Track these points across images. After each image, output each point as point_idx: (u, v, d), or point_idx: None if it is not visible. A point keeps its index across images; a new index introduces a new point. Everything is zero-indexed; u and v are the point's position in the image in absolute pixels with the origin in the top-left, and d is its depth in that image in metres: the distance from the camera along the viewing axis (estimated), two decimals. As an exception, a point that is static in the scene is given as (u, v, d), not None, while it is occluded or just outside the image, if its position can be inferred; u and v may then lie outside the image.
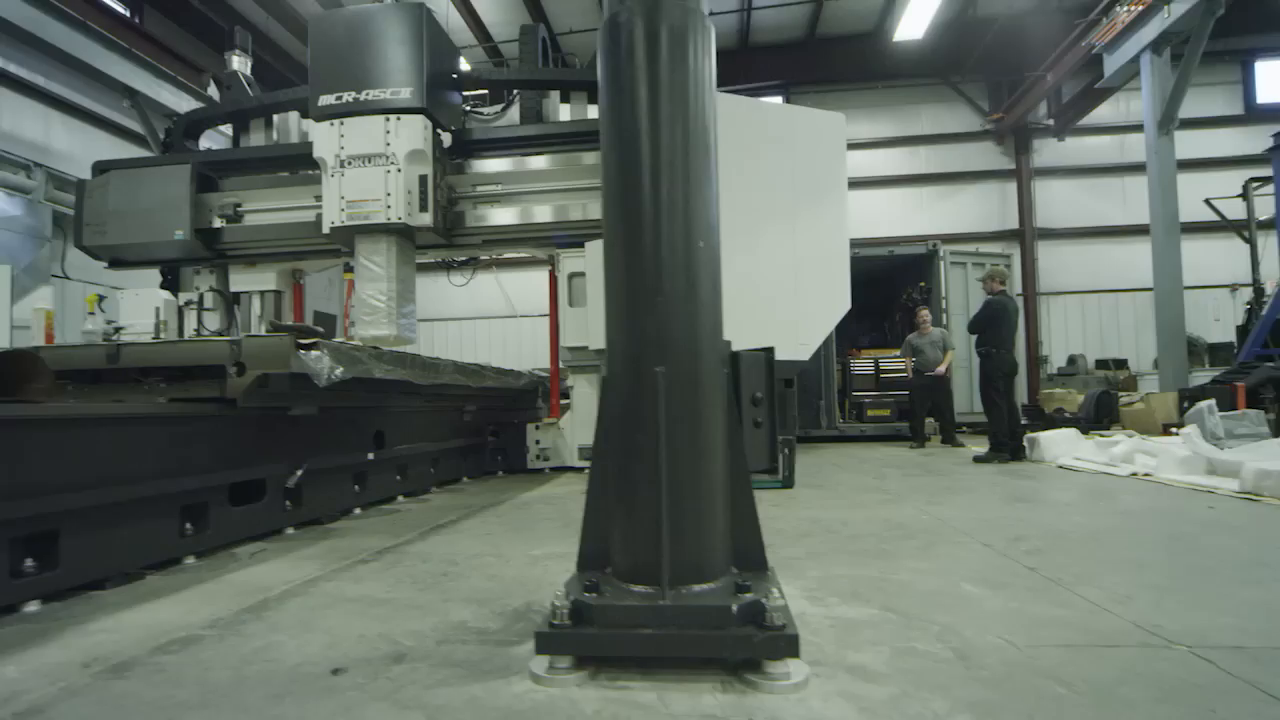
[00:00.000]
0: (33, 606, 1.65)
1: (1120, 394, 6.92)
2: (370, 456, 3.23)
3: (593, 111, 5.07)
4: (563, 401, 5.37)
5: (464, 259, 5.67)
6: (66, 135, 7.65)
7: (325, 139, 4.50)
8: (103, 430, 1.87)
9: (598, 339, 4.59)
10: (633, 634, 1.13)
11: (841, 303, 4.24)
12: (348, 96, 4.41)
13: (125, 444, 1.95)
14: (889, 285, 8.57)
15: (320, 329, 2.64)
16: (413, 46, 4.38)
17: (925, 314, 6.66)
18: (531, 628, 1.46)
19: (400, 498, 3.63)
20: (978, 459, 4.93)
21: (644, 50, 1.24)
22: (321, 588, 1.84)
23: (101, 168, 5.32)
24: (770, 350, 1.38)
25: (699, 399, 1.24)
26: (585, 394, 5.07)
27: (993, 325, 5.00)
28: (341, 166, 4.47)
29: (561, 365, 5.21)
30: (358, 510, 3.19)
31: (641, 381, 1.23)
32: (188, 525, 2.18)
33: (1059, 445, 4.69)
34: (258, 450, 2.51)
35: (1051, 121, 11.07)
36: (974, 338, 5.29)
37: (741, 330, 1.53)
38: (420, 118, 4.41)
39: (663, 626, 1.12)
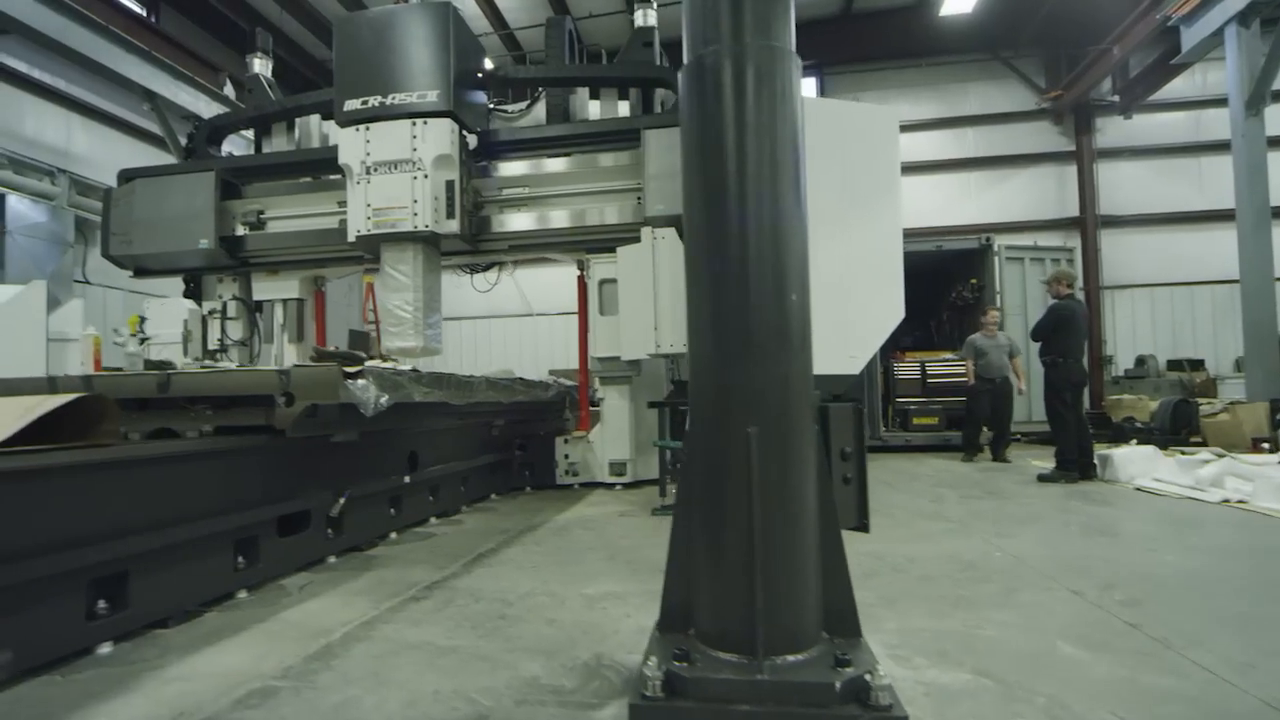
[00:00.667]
0: (105, 648, 1.75)
1: (1199, 401, 6.66)
2: (406, 480, 3.32)
3: (624, 109, 5.08)
4: (592, 409, 5.42)
5: (487, 264, 5.74)
6: (86, 138, 7.98)
7: (351, 145, 4.60)
8: (166, 468, 1.96)
9: (630, 349, 4.63)
10: (730, 710, 1.15)
11: (895, 313, 4.17)
12: (373, 101, 4.50)
13: (187, 480, 2.05)
14: (936, 282, 8.39)
15: (363, 354, 2.72)
16: (439, 47, 4.45)
17: (995, 314, 6.45)
18: (608, 687, 1.49)
19: (433, 519, 3.73)
20: (1043, 478, 4.82)
21: (732, 95, 1.25)
22: (382, 631, 1.91)
23: (127, 176, 5.55)
24: (859, 403, 1.38)
25: (789, 456, 1.25)
26: (616, 406, 5.11)
27: (1060, 332, 4.87)
28: (367, 173, 4.57)
29: (591, 375, 5.25)
30: (393, 534, 3.28)
31: (731, 440, 1.24)
32: (240, 558, 2.28)
33: (1135, 464, 4.55)
34: (303, 479, 2.60)
35: (1117, 98, 10.66)
36: (1037, 345, 5.16)
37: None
38: (447, 121, 4.48)
39: (761, 703, 1.14)
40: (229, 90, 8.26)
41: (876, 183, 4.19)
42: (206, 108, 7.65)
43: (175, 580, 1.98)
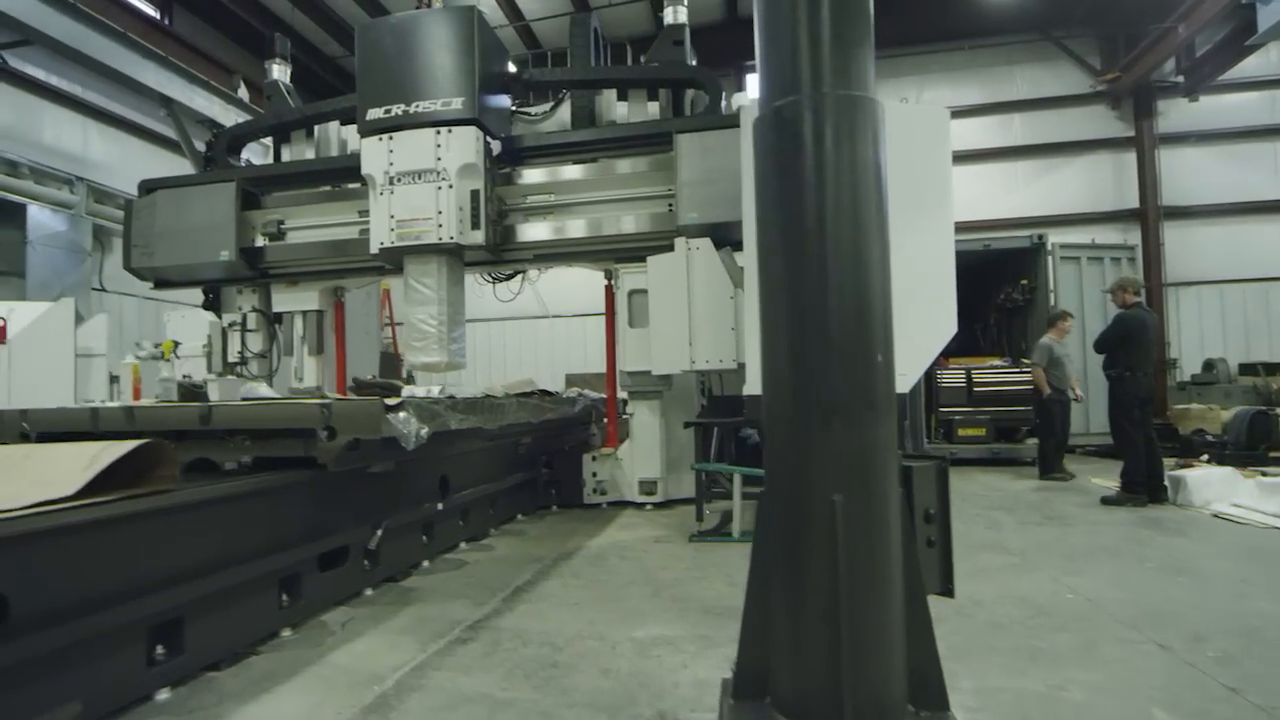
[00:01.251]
0: (164, 694, 1.84)
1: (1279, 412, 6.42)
2: (440, 507, 3.39)
3: (653, 109, 5.08)
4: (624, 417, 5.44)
5: (510, 273, 5.81)
6: (103, 143, 8.28)
7: (374, 155, 4.70)
8: (217, 510, 2.05)
9: (662, 363, 4.64)
10: (819, 792, 1.16)
11: (947, 327, 4.13)
12: (397, 109, 4.59)
13: (235, 520, 2.14)
14: (983, 282, 8.21)
15: (400, 383, 2.79)
16: (464, 52, 4.52)
17: (1072, 322, 6.18)
18: (677, 752, 1.52)
19: (463, 544, 3.80)
20: (1107, 501, 4.72)
21: (813, 148, 1.25)
22: (434, 679, 1.97)
23: (148, 187, 5.74)
24: (944, 460, 1.38)
25: (874, 521, 1.26)
26: (646, 422, 5.14)
27: (1127, 344, 4.75)
28: (391, 183, 4.67)
29: (620, 389, 5.29)
30: (425, 563, 3.36)
31: (814, 505, 1.26)
32: (283, 596, 2.36)
33: (1212, 488, 4.42)
34: (342, 512, 2.68)
35: (1181, 79, 10.31)
36: (1101, 356, 5.03)
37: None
38: (472, 129, 4.55)
39: (851, 785, 1.16)
40: (243, 93, 8.48)
41: (928, 189, 4.13)
42: (221, 112, 7.87)
43: (226, 623, 2.06)
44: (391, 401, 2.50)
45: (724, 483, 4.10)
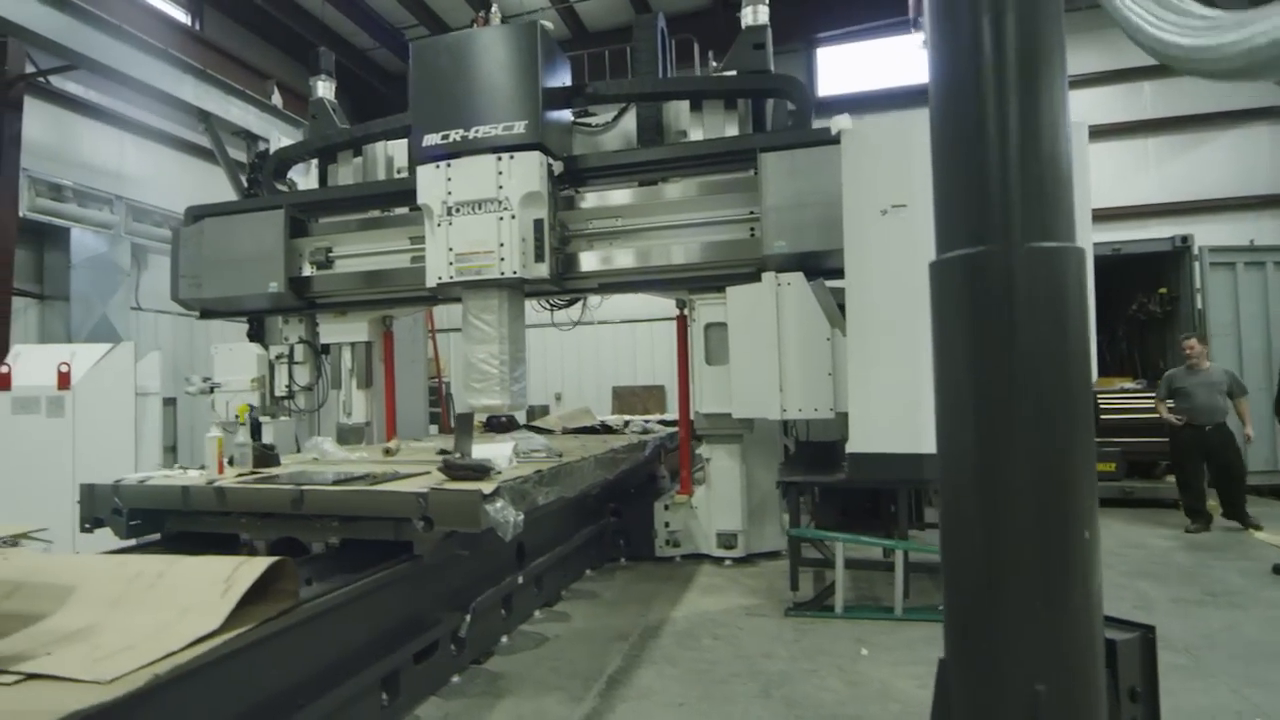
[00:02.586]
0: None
1: None
2: (520, 580, 3.57)
3: (730, 127, 5.09)
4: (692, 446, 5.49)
5: (569, 300, 5.98)
6: (138, 155, 8.96)
7: (430, 183, 4.94)
8: (329, 619, 2.26)
9: (744, 406, 4.71)
10: None
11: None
12: (455, 135, 4.80)
13: (346, 624, 2.35)
14: (1111, 290, 7.84)
15: (493, 464, 2.96)
16: (526, 72, 4.68)
17: (1193, 345, 5.88)
18: None
19: (537, 612, 3.99)
20: None
21: (1009, 303, 1.29)
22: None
23: (195, 215, 6.21)
24: (1151, 630, 1.40)
25: (1079, 709, 1.30)
26: (725, 468, 5.21)
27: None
28: (449, 214, 4.89)
29: (696, 432, 5.37)
30: (504, 638, 3.55)
31: (1008, 691, 1.31)
32: (384, 695, 2.57)
33: None
34: (434, 598, 2.89)
35: (1362, 31, 9.49)
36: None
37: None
38: (536, 154, 4.71)
39: None
40: (276, 99, 8.97)
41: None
42: (257, 122, 8.37)
43: (341, 731, 2.28)
44: (488, 490, 2.67)
45: (823, 550, 4.14)
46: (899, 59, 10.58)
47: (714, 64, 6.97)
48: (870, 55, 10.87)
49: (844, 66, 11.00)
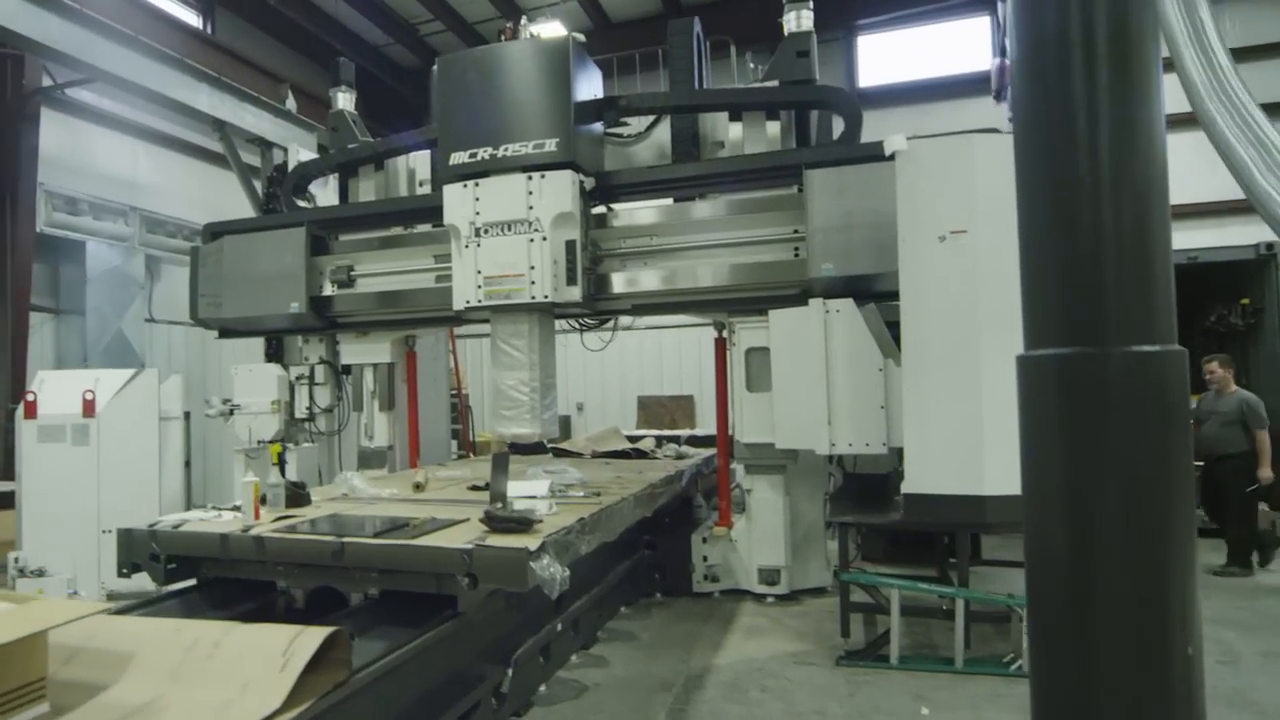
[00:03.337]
0: None
1: None
2: (559, 627, 3.67)
3: (772, 130, 5.12)
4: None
5: (600, 322, 6.06)
6: (150, 162, 9.28)
7: (458, 203, 5.05)
8: (379, 686, 2.37)
9: (788, 437, 4.74)
10: None
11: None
12: (483, 153, 4.91)
13: (394, 690, 2.46)
14: (1185, 296, 7.66)
15: (534, 515, 3.05)
16: (558, 88, 4.76)
17: (1215, 369, 5.71)
18: None
19: (574, 657, 4.08)
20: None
21: (1105, 408, 1.32)
22: None
23: (214, 232, 6.44)
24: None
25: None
26: (767, 500, 5.25)
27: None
28: (477, 235, 5.00)
29: (735, 462, 5.42)
30: (542, 688, 3.65)
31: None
32: (431, 758, 2.68)
33: None
34: (476, 652, 2.99)
35: None
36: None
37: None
38: (567, 173, 4.79)
39: None
40: (290, 103, 9.22)
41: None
42: (271, 128, 8.60)
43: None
44: (533, 546, 2.76)
45: (875, 595, 4.16)
46: (945, 46, 10.46)
47: (751, 62, 7.01)
48: (915, 43, 10.75)
49: (886, 55, 10.90)
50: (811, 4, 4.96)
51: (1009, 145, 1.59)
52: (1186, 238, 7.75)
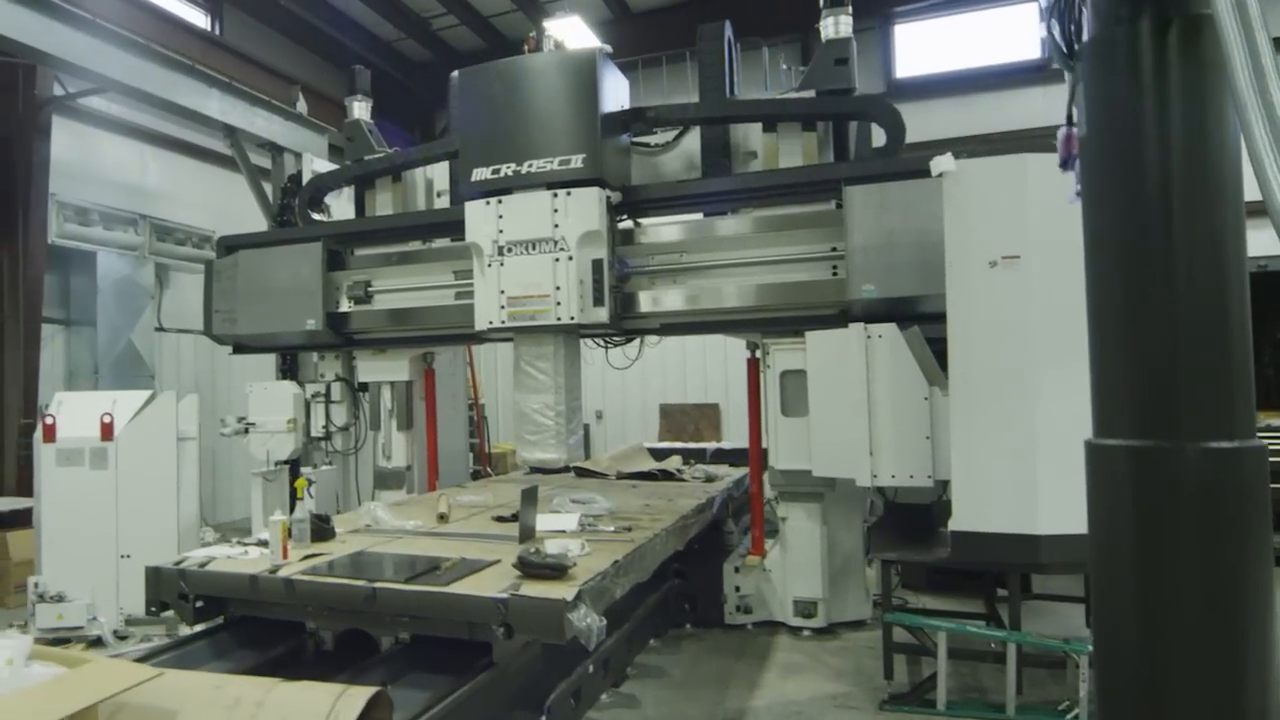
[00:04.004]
0: None
1: None
2: (590, 669, 3.75)
3: (808, 140, 5.15)
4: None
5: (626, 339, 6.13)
6: (158, 167, 9.54)
7: (480, 220, 5.15)
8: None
9: (825, 465, 4.77)
10: None
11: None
12: (506, 170, 5.00)
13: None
14: (1257, 307, 7.51)
15: (566, 561, 3.13)
16: (585, 102, 4.82)
17: None
18: None
19: (604, 696, 4.16)
20: None
21: (1183, 509, 1.36)
22: None
23: (228, 246, 6.62)
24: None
25: None
26: (803, 529, 5.28)
27: None
28: (500, 254, 5.10)
29: (769, 490, 5.45)
30: (575, 729, 3.73)
31: None
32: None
33: None
34: (510, 702, 3.09)
35: None
36: None
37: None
38: (594, 190, 4.87)
39: None
40: (301, 105, 9.41)
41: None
42: (282, 132, 8.80)
43: None
44: (569, 595, 2.84)
45: (920, 636, 4.18)
46: (987, 34, 10.35)
47: (784, 64, 7.01)
48: (955, 31, 10.65)
49: (925, 44, 10.82)
50: (850, 7, 4.96)
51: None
52: (1257, 243, 7.60)
